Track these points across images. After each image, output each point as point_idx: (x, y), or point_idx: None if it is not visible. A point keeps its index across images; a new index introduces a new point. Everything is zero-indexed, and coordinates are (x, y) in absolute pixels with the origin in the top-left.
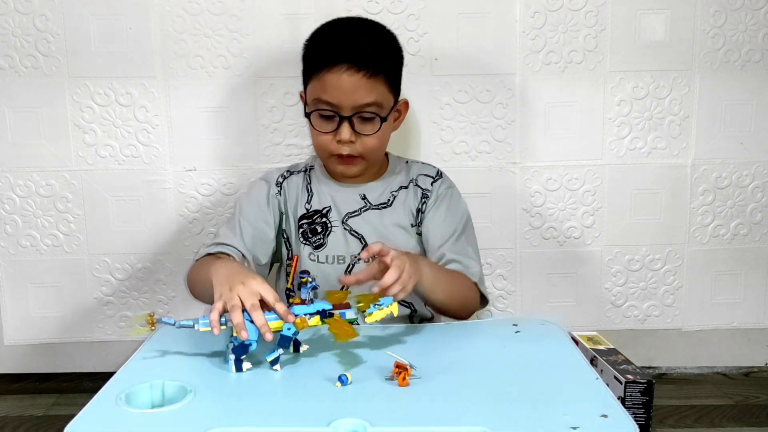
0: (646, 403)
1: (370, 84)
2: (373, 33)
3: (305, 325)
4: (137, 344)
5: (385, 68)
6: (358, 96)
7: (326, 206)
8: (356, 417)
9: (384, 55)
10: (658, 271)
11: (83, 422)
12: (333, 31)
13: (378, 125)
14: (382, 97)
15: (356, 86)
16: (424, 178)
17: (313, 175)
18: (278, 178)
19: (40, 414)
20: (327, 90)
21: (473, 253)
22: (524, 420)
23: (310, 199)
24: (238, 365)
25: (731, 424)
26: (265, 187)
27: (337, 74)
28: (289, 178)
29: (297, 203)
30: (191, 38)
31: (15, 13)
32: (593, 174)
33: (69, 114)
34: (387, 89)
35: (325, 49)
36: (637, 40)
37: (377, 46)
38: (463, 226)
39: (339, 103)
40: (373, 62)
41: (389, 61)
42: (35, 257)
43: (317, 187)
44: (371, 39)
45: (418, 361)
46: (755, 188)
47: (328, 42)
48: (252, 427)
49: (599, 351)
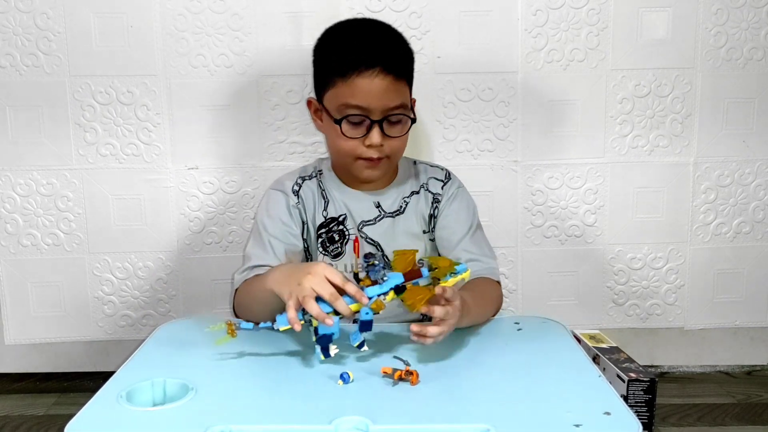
0: (649, 401)
1: (397, 87)
2: (393, 35)
3: (382, 306)
4: (138, 343)
5: (408, 70)
6: (389, 99)
7: (342, 213)
8: (359, 415)
9: (406, 56)
10: (660, 270)
11: (85, 420)
12: (355, 35)
13: (407, 126)
14: (407, 99)
15: (387, 89)
16: (435, 182)
17: (323, 180)
18: (293, 187)
19: (41, 413)
20: (357, 95)
21: (488, 248)
22: (527, 418)
23: (326, 207)
24: (325, 353)
25: (734, 423)
26: (284, 199)
27: (369, 78)
28: (303, 186)
29: (315, 211)
30: (193, 36)
31: (16, 11)
32: (595, 172)
33: (70, 112)
34: (408, 90)
35: (352, 54)
36: (639, 38)
37: (401, 48)
38: (477, 222)
39: (370, 107)
40: (400, 64)
41: (410, 63)
42: (36, 256)
43: (331, 193)
44: (395, 41)
45: (421, 360)
46: (757, 186)
47: (355, 46)
48: (253, 425)
49: (601, 349)
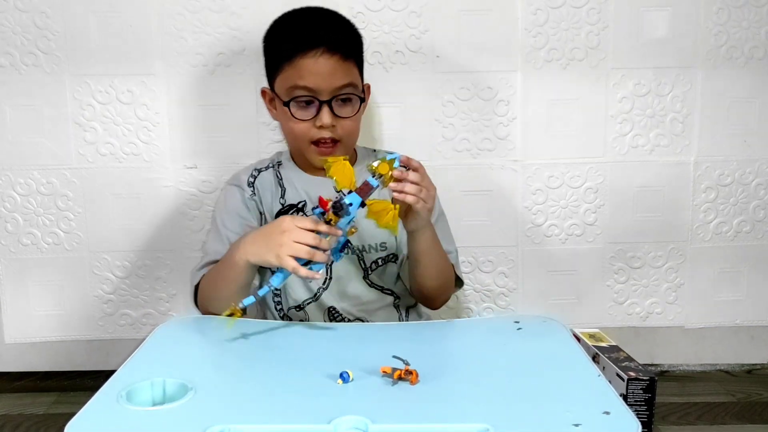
0: (649, 400)
1: (345, 66)
2: (338, 18)
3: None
4: (138, 342)
5: (355, 51)
6: (336, 78)
7: (301, 200)
8: (358, 414)
9: (352, 38)
10: (660, 269)
11: (84, 419)
12: (299, 19)
13: (357, 106)
14: (356, 79)
15: (333, 69)
16: None
17: (282, 170)
18: (248, 179)
19: (41, 412)
20: (304, 75)
21: (449, 235)
22: (526, 417)
23: (283, 194)
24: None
25: (733, 421)
26: (239, 193)
27: (313, 58)
28: (258, 177)
29: (272, 200)
30: (191, 36)
31: (15, 10)
32: (595, 171)
33: (69, 112)
34: (357, 72)
35: (297, 36)
36: (639, 37)
37: (346, 30)
38: (439, 211)
39: (317, 87)
40: (345, 45)
41: (357, 45)
42: (36, 255)
43: (289, 181)
44: (339, 23)
45: (420, 359)
46: (758, 185)
47: (298, 29)
48: (253, 425)
49: (601, 348)
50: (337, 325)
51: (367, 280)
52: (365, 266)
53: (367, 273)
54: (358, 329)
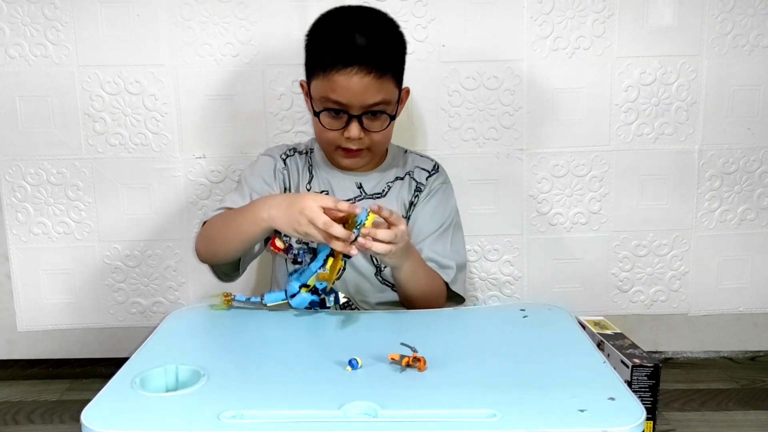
0: (653, 386)
1: (379, 84)
2: (380, 29)
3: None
4: (149, 330)
5: (393, 66)
6: (368, 96)
7: (323, 191)
8: (367, 400)
9: (391, 52)
10: (664, 257)
11: (100, 405)
12: (339, 28)
13: (387, 122)
14: (390, 95)
15: (366, 87)
16: (420, 171)
17: (313, 157)
18: (282, 155)
19: (55, 399)
20: (336, 90)
21: (454, 251)
22: (533, 403)
23: (310, 181)
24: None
25: (737, 408)
26: (271, 162)
27: (346, 76)
28: (292, 157)
29: (299, 183)
30: (199, 26)
31: (24, 1)
32: (600, 160)
33: (79, 102)
34: (393, 85)
35: (333, 50)
36: (645, 25)
37: (385, 45)
38: (449, 224)
39: (348, 103)
40: (381, 62)
41: (396, 58)
42: (47, 245)
43: (317, 170)
44: (379, 37)
45: (428, 346)
46: (762, 173)
47: (336, 41)
48: (264, 410)
49: (606, 335)
50: (345, 313)
51: (378, 276)
52: (377, 263)
53: (379, 270)
54: (367, 317)
